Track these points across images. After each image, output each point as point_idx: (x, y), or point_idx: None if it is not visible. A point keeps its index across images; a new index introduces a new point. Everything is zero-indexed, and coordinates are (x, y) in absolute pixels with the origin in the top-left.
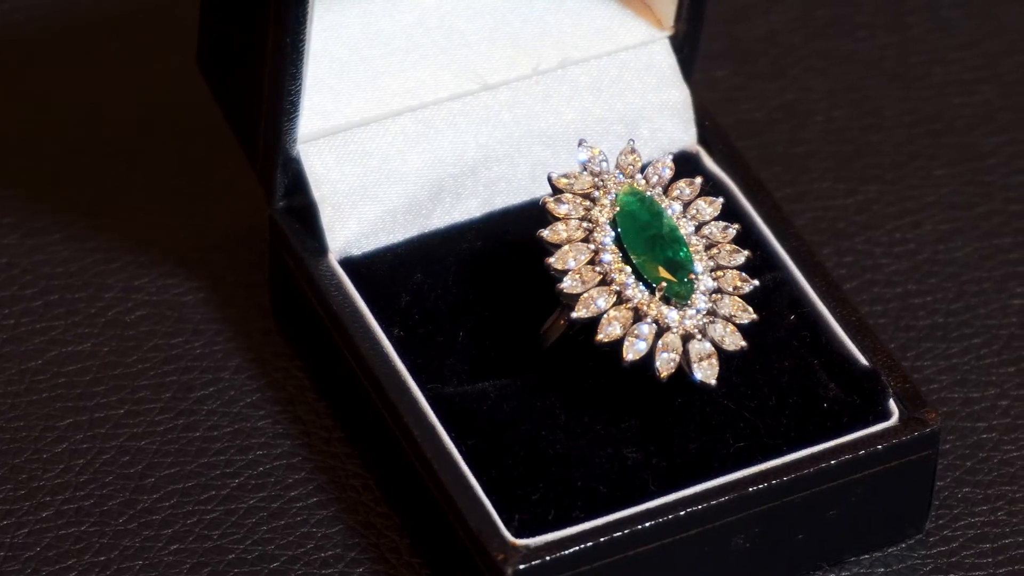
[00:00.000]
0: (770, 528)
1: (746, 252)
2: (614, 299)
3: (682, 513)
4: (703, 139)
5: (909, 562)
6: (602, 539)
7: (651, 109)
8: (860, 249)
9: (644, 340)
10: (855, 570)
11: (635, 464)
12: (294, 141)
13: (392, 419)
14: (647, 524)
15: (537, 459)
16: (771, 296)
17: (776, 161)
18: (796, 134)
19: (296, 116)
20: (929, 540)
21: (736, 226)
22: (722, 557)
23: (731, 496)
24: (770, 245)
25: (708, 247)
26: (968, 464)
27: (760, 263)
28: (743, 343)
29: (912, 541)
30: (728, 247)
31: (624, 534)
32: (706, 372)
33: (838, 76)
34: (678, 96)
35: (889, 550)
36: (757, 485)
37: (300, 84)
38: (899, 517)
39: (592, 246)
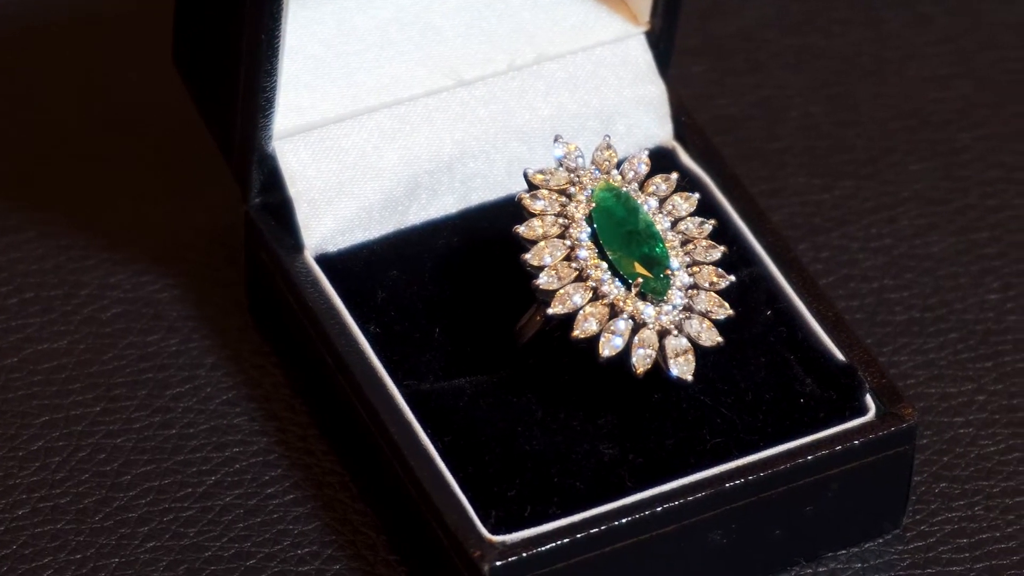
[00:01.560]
0: (747, 524)
1: (722, 248)
2: (590, 295)
3: (659, 509)
4: (679, 135)
5: (886, 557)
6: (579, 535)
7: (627, 105)
8: (836, 244)
9: (620, 336)
10: (832, 565)
11: (612, 460)
12: (269, 138)
13: (368, 416)
14: (624, 520)
15: (514, 456)
16: (747, 292)
17: (752, 157)
18: (772, 130)
19: (271, 113)
20: (906, 535)
21: (712, 222)
22: (699, 553)
23: (708, 492)
24: (746, 241)
25: (684, 243)
26: (945, 459)
27: (736, 259)
28: (719, 339)
29: (889, 536)
30: (704, 243)
31: (601, 530)
32: (682, 368)
33: (814, 72)
34: (654, 92)
35: (866, 545)
36: (734, 481)
37: (275, 81)
38: (876, 512)
39: (568, 242)
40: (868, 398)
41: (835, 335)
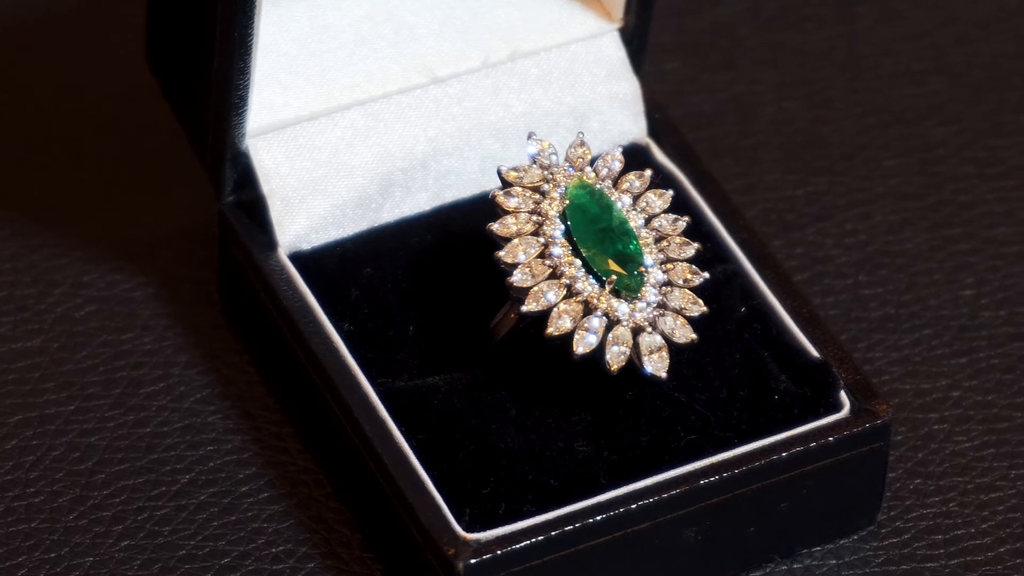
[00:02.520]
0: (722, 521)
1: (696, 244)
2: (564, 292)
3: (633, 506)
4: (653, 131)
5: (861, 554)
6: (553, 533)
7: (601, 102)
8: (810, 241)
9: (594, 333)
10: (807, 562)
11: (586, 458)
12: (242, 136)
13: (342, 414)
14: (598, 518)
15: (488, 453)
16: (721, 288)
17: (726, 153)
18: (746, 126)
19: (244, 111)
20: (881, 532)
21: (686, 218)
22: (674, 550)
23: (682, 489)
24: (720, 237)
25: (658, 240)
26: (920, 455)
27: (710, 255)
28: (693, 336)
29: (864, 533)
30: (678, 240)
31: (575, 528)
32: (656, 365)
33: (788, 68)
34: (628, 88)
35: (841, 542)
36: (708, 478)
37: (248, 79)
38: (851, 509)
39: (542, 239)
40: (842, 395)
41: (809, 332)
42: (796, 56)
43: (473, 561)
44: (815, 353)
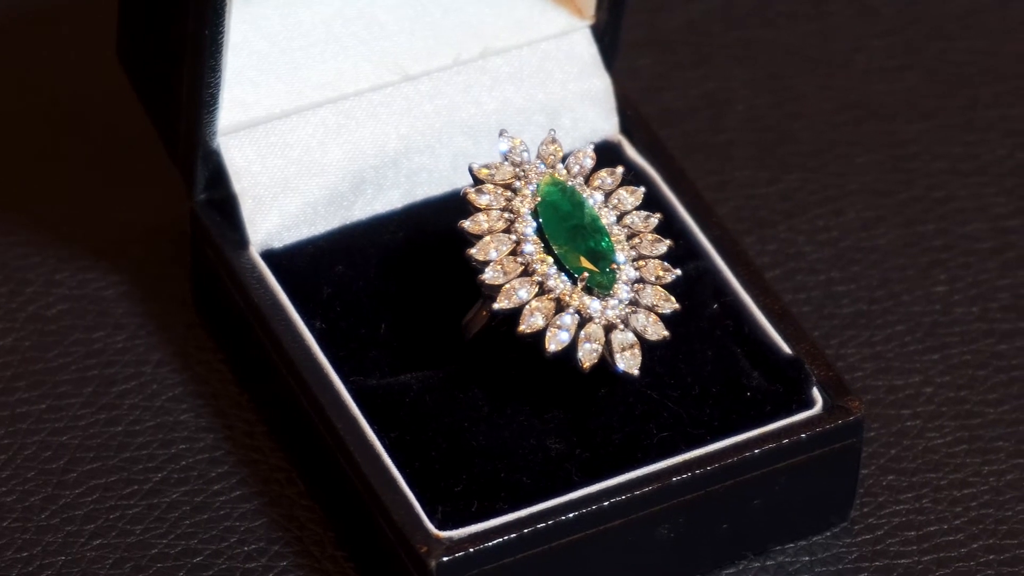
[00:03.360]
0: (694, 518)
1: (668, 241)
2: (536, 290)
3: (606, 504)
4: (625, 128)
5: (834, 551)
6: (526, 530)
7: (572, 99)
8: (783, 237)
9: (566, 331)
10: (780, 559)
11: (559, 455)
12: (214, 134)
13: (315, 412)
14: (571, 515)
15: (460, 451)
16: (694, 285)
17: (698, 150)
18: (718, 123)
19: (216, 108)
20: (854, 528)
21: (658, 215)
22: (646, 547)
23: (655, 486)
24: (692, 234)
25: (630, 237)
26: (892, 452)
27: (683, 252)
28: (665, 333)
29: (837, 529)
30: (650, 236)
31: (548, 525)
32: (629, 362)
33: (759, 64)
34: (599, 85)
35: (814, 539)
36: (681, 475)
37: (219, 76)
38: (824, 506)
39: (514, 237)
40: (815, 391)
41: (782, 328)
42: (768, 52)
43: (446, 559)
44: (787, 350)
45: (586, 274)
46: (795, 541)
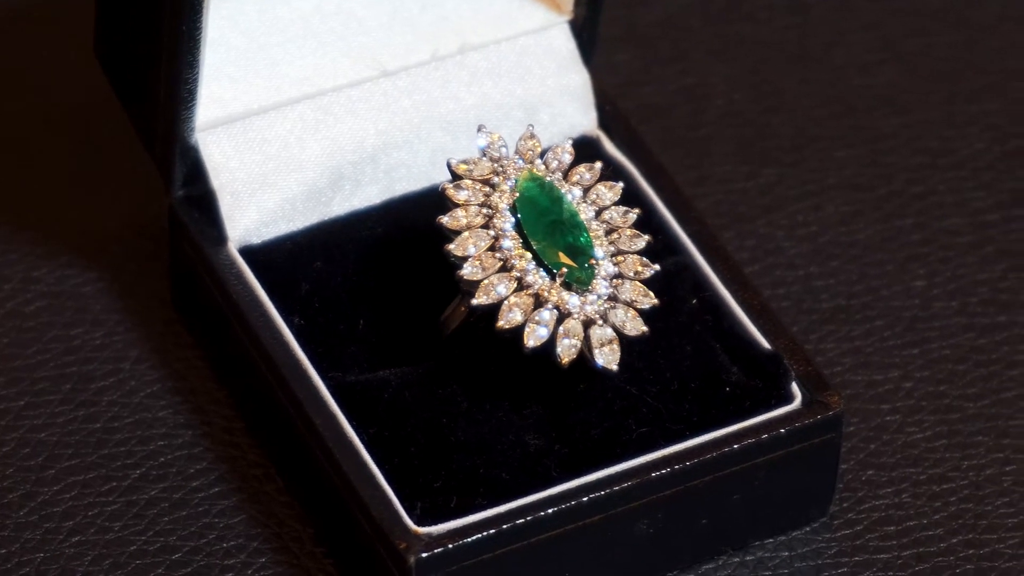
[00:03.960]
0: (673, 513)
1: (647, 237)
2: (515, 285)
3: (585, 499)
4: (603, 123)
5: (814, 545)
6: (505, 526)
7: (551, 94)
8: (762, 232)
9: (545, 326)
10: (759, 554)
11: (537, 451)
12: (192, 130)
13: (293, 408)
14: (550, 511)
15: (439, 446)
16: (673, 280)
17: (677, 145)
18: (697, 118)
19: (193, 104)
20: (833, 523)
21: (636, 210)
22: (626, 543)
23: (634, 482)
24: (671, 229)
25: (608, 232)
26: (872, 447)
27: (661, 247)
28: (644, 328)
29: (816, 524)
30: (628, 232)
31: (527, 521)
32: (607, 358)
33: (738, 59)
34: (578, 81)
35: (793, 534)
36: (660, 470)
37: (197, 72)
38: (803, 501)
39: (492, 232)
40: (794, 386)
41: (761, 323)
42: (747, 47)
43: (425, 555)
44: (767, 345)
45: (565, 269)
46: (774, 536)
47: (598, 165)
